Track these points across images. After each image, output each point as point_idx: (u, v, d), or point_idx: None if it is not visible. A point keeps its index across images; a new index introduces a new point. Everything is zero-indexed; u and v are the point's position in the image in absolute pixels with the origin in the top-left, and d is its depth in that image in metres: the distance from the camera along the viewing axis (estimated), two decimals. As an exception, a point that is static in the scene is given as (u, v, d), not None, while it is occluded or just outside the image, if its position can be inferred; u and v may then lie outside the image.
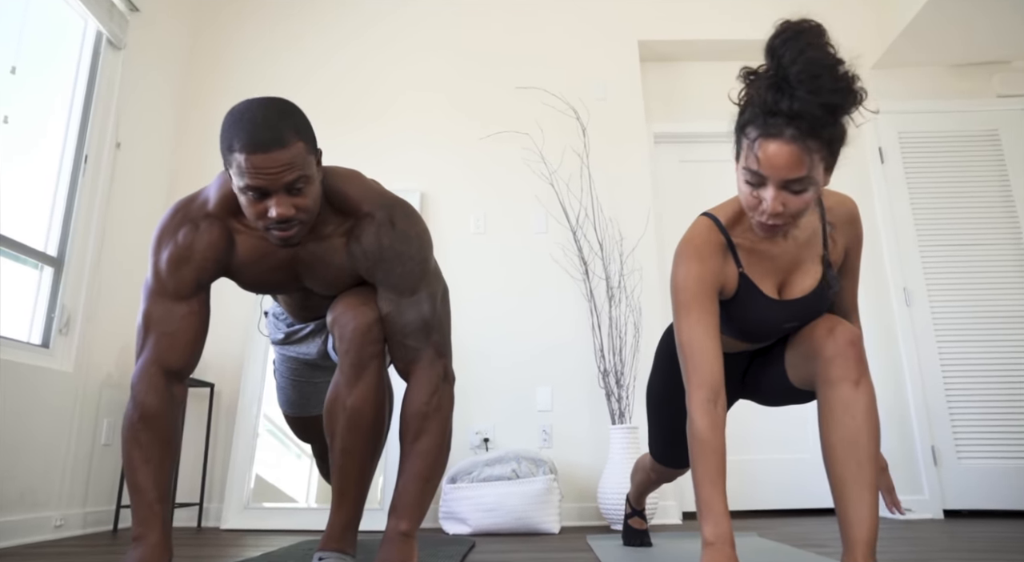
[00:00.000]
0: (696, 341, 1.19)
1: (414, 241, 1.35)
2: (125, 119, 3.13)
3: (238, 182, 1.19)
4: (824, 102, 1.05)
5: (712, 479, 1.12)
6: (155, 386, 1.27)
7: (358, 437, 1.34)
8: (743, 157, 1.14)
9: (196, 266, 1.31)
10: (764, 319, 1.29)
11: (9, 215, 2.55)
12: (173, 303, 1.31)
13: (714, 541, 1.08)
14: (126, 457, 1.25)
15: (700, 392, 1.17)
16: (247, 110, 1.16)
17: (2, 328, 2.47)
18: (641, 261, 3.32)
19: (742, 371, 1.53)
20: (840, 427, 1.18)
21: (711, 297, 1.23)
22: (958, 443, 3.16)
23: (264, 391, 3.19)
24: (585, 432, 3.14)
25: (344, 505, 1.35)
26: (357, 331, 1.34)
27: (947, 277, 3.38)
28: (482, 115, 3.60)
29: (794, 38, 1.09)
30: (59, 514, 2.62)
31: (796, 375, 1.35)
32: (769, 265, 1.28)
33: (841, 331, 1.22)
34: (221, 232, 1.33)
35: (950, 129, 3.57)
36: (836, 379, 1.20)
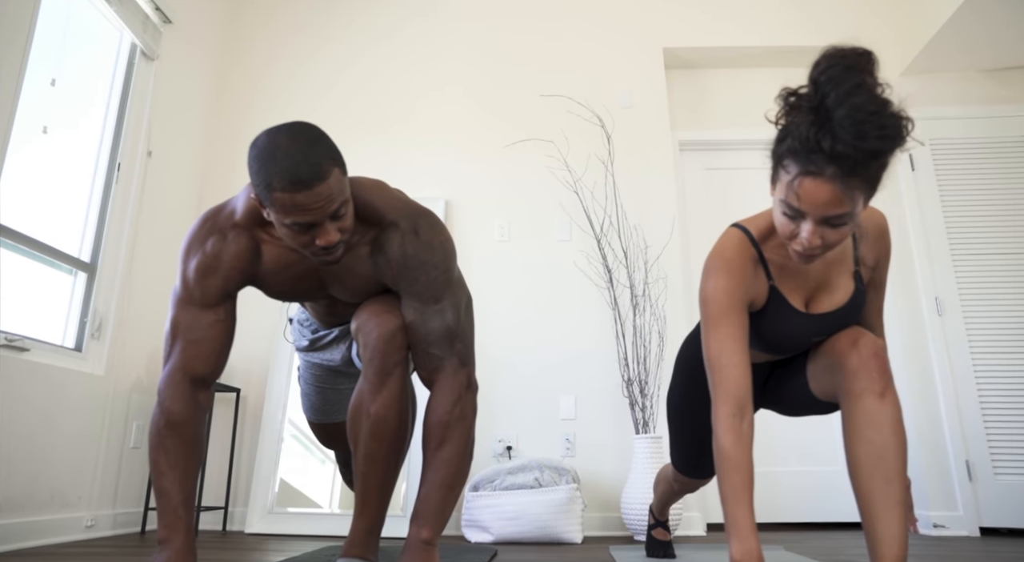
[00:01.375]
0: (724, 355, 1.18)
1: (438, 250, 1.36)
2: (157, 128, 3.20)
3: (281, 219, 1.19)
4: (870, 149, 1.01)
5: (738, 496, 1.10)
6: (181, 393, 1.30)
7: (381, 444, 1.35)
8: (782, 190, 1.10)
9: (223, 275, 1.34)
10: (792, 333, 1.28)
11: (45, 222, 2.61)
12: (200, 311, 1.33)
13: (741, 558, 1.06)
14: (152, 462, 1.28)
15: (726, 407, 1.15)
16: (277, 145, 1.15)
17: (37, 331, 2.53)
18: (666, 269, 3.30)
19: (763, 380, 1.51)
20: (865, 442, 1.16)
21: (741, 310, 1.21)
22: (994, 458, 3.07)
23: (289, 397, 3.22)
24: (609, 441, 3.11)
25: (367, 511, 1.35)
26: (381, 339, 1.35)
27: (981, 287, 3.30)
28: (507, 122, 3.61)
29: (841, 75, 1.03)
30: (90, 515, 2.67)
31: (818, 387, 1.33)
32: (800, 280, 1.26)
33: (865, 343, 1.20)
34: (248, 242, 1.35)
35: (983, 136, 3.50)
36: (860, 391, 1.17)
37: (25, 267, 2.52)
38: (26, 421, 2.36)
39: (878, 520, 1.12)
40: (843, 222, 1.07)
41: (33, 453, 2.39)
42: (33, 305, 2.56)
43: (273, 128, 1.19)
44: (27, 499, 2.36)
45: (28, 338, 2.43)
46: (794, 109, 1.09)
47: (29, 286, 2.54)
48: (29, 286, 2.54)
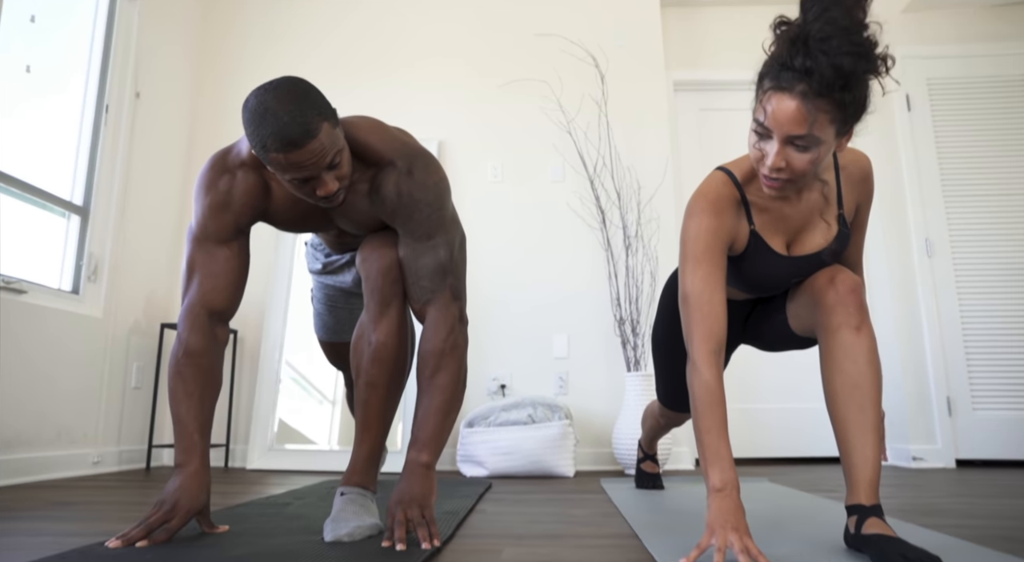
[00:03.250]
0: (704, 294, 1.21)
1: (432, 190, 1.40)
2: (144, 69, 3.14)
3: (280, 175, 1.25)
4: (835, 64, 1.02)
5: (717, 428, 1.15)
6: (199, 326, 1.36)
7: (383, 370, 1.41)
8: (754, 108, 1.13)
9: (235, 212, 1.39)
10: (772, 275, 1.31)
11: (35, 164, 2.59)
12: (215, 247, 1.39)
13: (722, 487, 1.11)
14: (171, 391, 1.34)
15: (707, 344, 1.19)
16: (265, 107, 1.18)
17: (33, 275, 2.55)
18: (659, 210, 3.31)
19: (744, 317, 1.55)
20: (842, 372, 1.20)
21: (721, 251, 1.23)
22: (974, 394, 3.16)
23: (285, 338, 3.26)
24: (601, 379, 3.19)
25: (367, 438, 1.42)
26: (380, 272, 1.42)
27: (972, 228, 3.32)
28: (500, 63, 3.55)
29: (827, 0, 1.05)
30: (96, 451, 2.74)
31: (797, 324, 1.37)
32: (781, 224, 1.29)
33: (842, 279, 1.23)
34: (257, 180, 1.40)
35: (982, 74, 3.46)
36: (837, 326, 1.21)
37: (17, 210, 2.52)
38: (29, 362, 2.40)
39: (853, 445, 1.17)
40: (807, 146, 1.09)
41: (38, 392, 2.45)
42: (28, 248, 2.56)
43: (260, 88, 1.22)
44: (35, 436, 2.43)
45: (25, 281, 2.45)
46: (782, 36, 1.10)
47: (23, 229, 2.55)
48: (23, 229, 2.55)
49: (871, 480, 1.14)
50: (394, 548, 1.16)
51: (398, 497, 1.26)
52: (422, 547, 1.17)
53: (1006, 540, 1.30)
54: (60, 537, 1.35)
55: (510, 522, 1.56)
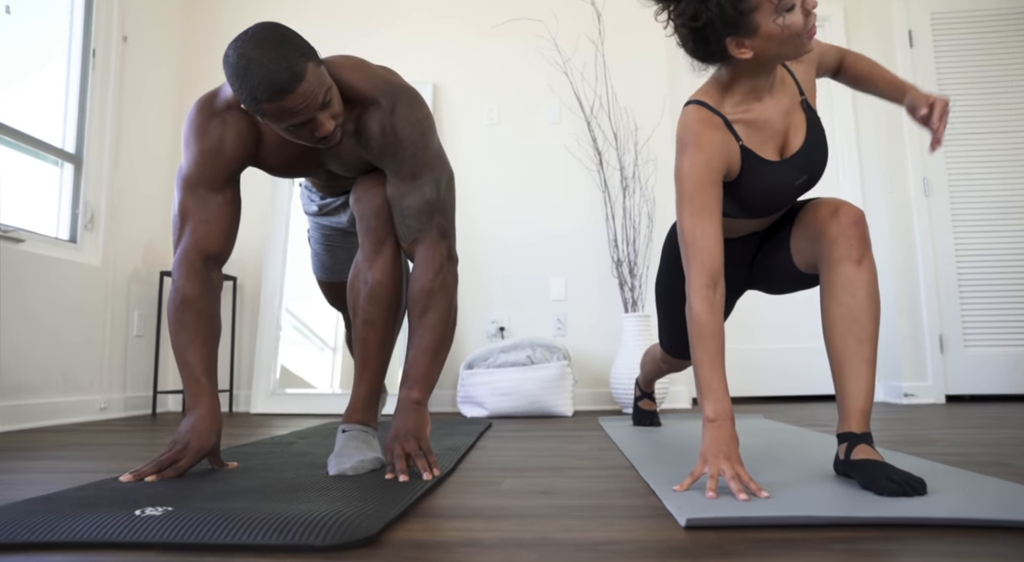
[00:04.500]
0: (698, 228, 1.21)
1: (415, 127, 1.39)
2: (130, 12, 3.06)
3: (276, 125, 1.24)
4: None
5: (712, 360, 1.17)
6: (195, 270, 1.36)
7: (379, 307, 1.43)
8: (768, 16, 1.14)
9: (227, 157, 1.38)
10: (775, 185, 1.31)
11: (25, 112, 2.56)
12: (208, 193, 1.38)
13: (715, 417, 1.14)
14: (173, 338, 1.36)
15: (701, 278, 1.20)
16: (248, 59, 1.16)
17: (31, 224, 2.54)
18: (656, 151, 3.28)
19: (750, 258, 1.55)
20: (840, 305, 1.22)
21: (716, 183, 1.23)
22: (966, 332, 3.20)
23: (284, 284, 3.28)
24: (598, 320, 3.22)
25: (366, 375, 1.44)
26: (372, 212, 1.43)
27: (970, 167, 3.31)
28: (494, 3, 3.46)
29: None
30: (102, 398, 2.79)
31: (801, 259, 1.37)
32: (766, 132, 1.29)
33: (845, 211, 1.24)
34: (247, 124, 1.39)
35: (989, 7, 3.38)
36: (839, 258, 1.22)
37: (10, 159, 2.50)
38: (31, 311, 2.42)
39: (847, 376, 1.20)
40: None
41: (42, 341, 2.47)
42: (23, 197, 2.55)
43: (237, 40, 1.19)
44: (41, 382, 2.47)
45: (22, 229, 2.45)
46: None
47: (17, 178, 2.53)
48: (17, 178, 2.53)
49: (863, 409, 1.17)
50: (397, 480, 1.20)
51: (393, 434, 1.30)
52: (423, 478, 1.21)
53: (993, 465, 1.34)
54: (75, 474, 1.39)
55: (510, 457, 1.60)
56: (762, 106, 1.28)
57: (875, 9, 3.44)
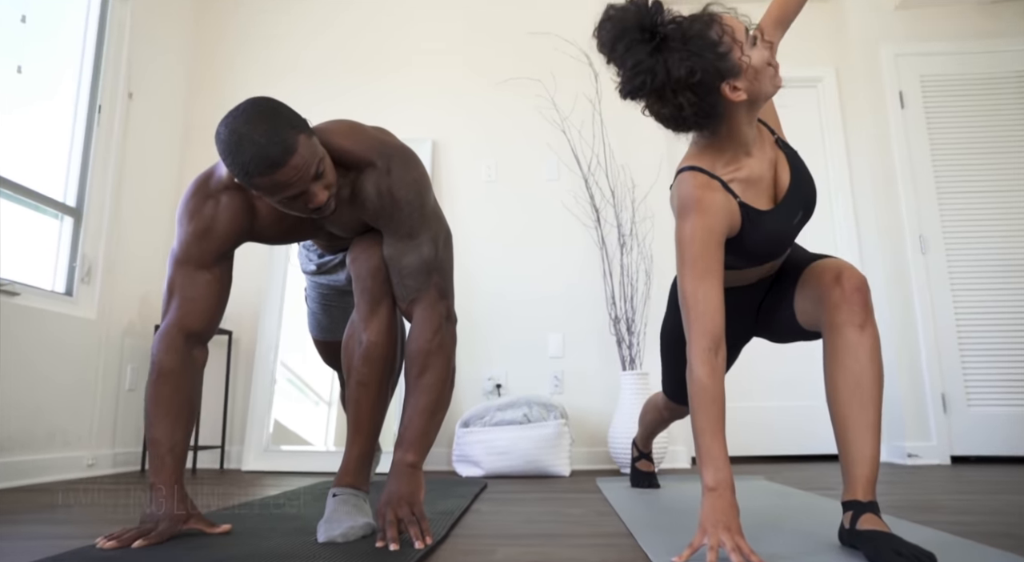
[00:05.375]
0: (700, 291, 1.21)
1: (411, 187, 1.39)
2: (137, 69, 3.13)
3: (270, 199, 1.25)
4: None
5: (713, 427, 1.15)
6: (174, 347, 1.35)
7: (373, 368, 1.41)
8: (743, 54, 1.21)
9: (219, 238, 1.38)
10: (774, 231, 1.32)
11: (28, 165, 2.58)
12: (196, 271, 1.38)
13: (715, 486, 1.11)
14: (145, 412, 1.34)
15: (702, 341, 1.19)
16: (240, 135, 1.17)
17: (26, 276, 2.53)
18: (653, 208, 3.30)
19: (757, 305, 1.54)
20: (844, 369, 1.20)
21: (719, 246, 1.24)
22: (969, 391, 3.16)
23: (280, 338, 3.26)
24: (596, 378, 3.18)
25: (359, 438, 1.41)
26: (370, 272, 1.42)
27: (965, 225, 3.32)
28: (494, 62, 3.54)
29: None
30: (90, 454, 2.73)
31: (804, 319, 1.37)
32: (758, 186, 1.31)
33: (848, 277, 1.24)
34: (241, 202, 1.39)
35: (975, 72, 3.46)
36: (841, 323, 1.22)
37: (10, 212, 2.51)
38: (22, 364, 2.39)
39: (852, 442, 1.17)
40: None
41: (31, 395, 2.43)
42: (21, 250, 2.55)
43: (228, 116, 1.21)
44: (29, 438, 2.42)
45: (18, 283, 2.44)
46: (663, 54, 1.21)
47: (16, 231, 2.53)
48: (16, 231, 2.53)
49: (868, 477, 1.15)
50: (387, 548, 1.16)
51: (386, 498, 1.27)
52: (415, 546, 1.17)
53: (1002, 537, 1.30)
54: (55, 540, 1.34)
55: (505, 522, 1.56)
56: (752, 160, 1.31)
57: (866, 71, 3.52)
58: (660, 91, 1.22)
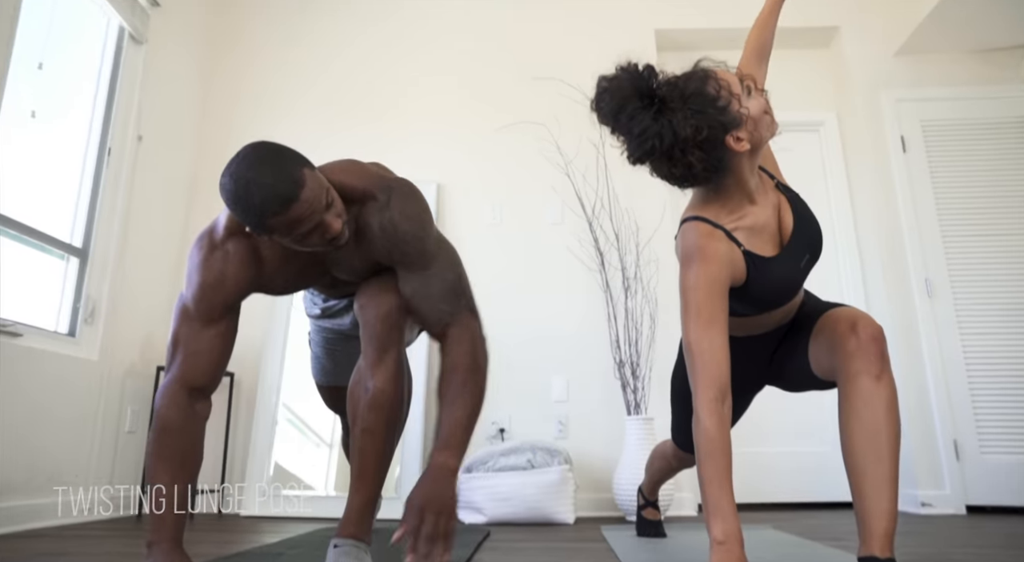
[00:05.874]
0: (705, 340, 1.20)
1: (415, 220, 1.39)
2: (147, 112, 3.18)
3: (285, 238, 1.25)
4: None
5: (720, 478, 1.13)
6: (177, 402, 1.33)
7: (379, 416, 1.39)
8: (740, 105, 1.24)
9: (226, 291, 1.37)
10: (782, 277, 1.32)
11: (36, 207, 2.60)
12: (202, 326, 1.37)
13: (724, 540, 1.09)
14: (146, 466, 1.33)
15: (709, 391, 1.17)
16: (246, 180, 1.18)
17: (30, 317, 2.53)
18: (657, 252, 3.31)
19: (771, 353, 1.53)
20: (860, 420, 1.18)
21: (723, 295, 1.24)
22: (981, 437, 3.11)
23: (283, 380, 3.23)
24: (600, 423, 3.14)
25: (362, 487, 1.38)
26: (378, 319, 1.41)
27: (971, 268, 3.31)
28: (498, 106, 3.60)
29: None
30: (88, 497, 2.68)
31: (819, 367, 1.36)
32: (762, 234, 1.31)
33: (863, 327, 1.23)
34: (247, 249, 1.39)
35: (975, 117, 3.50)
36: (856, 373, 1.20)
37: (17, 253, 2.52)
38: (21, 406, 2.37)
39: (868, 496, 1.15)
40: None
41: (30, 438, 2.41)
42: (25, 291, 2.56)
43: (230, 164, 1.21)
44: (25, 483, 2.38)
45: (21, 324, 2.43)
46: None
47: (21, 272, 2.54)
48: (21, 272, 2.54)
49: (886, 531, 1.12)
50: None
51: (424, 499, 1.18)
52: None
53: (1020, 594, 1.26)
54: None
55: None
56: (756, 208, 1.32)
57: (867, 116, 3.55)
58: (670, 152, 1.23)
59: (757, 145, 1.26)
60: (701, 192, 1.35)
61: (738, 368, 1.29)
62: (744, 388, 1.53)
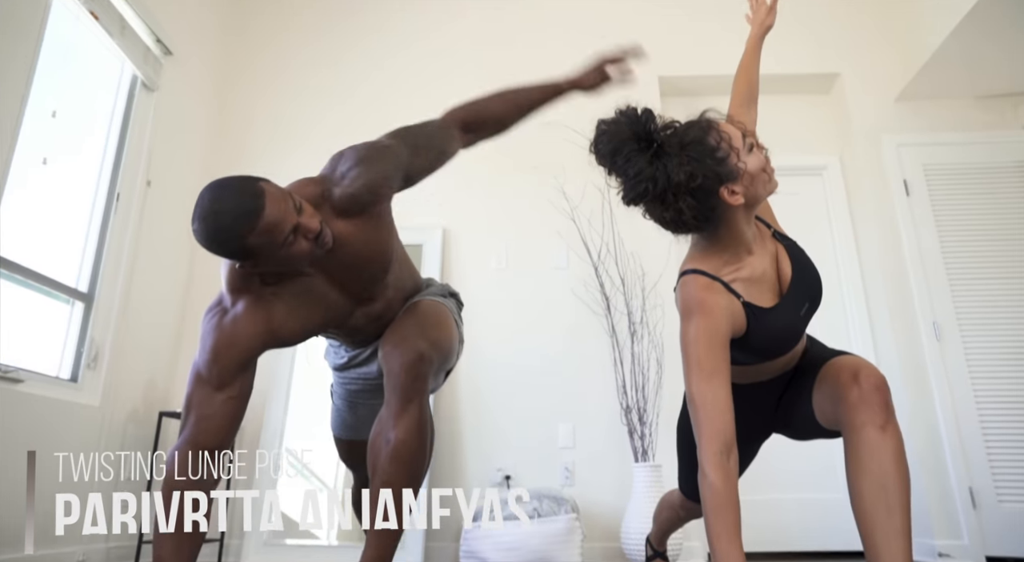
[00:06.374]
0: (709, 393, 1.19)
1: (360, 180, 1.49)
2: (156, 158, 3.22)
3: (271, 255, 1.26)
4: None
5: (729, 532, 1.10)
6: (187, 465, 1.34)
7: (400, 470, 1.36)
8: (739, 159, 1.25)
9: (240, 347, 1.37)
10: (782, 327, 1.31)
11: (44, 252, 2.61)
12: (214, 390, 1.36)
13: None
14: (153, 527, 1.32)
15: (713, 445, 1.16)
16: (213, 210, 1.21)
17: (32, 362, 2.52)
18: (663, 296, 3.29)
19: (776, 400, 1.50)
20: (867, 473, 1.16)
21: (723, 346, 1.23)
22: (998, 485, 3.03)
23: (286, 426, 3.20)
24: (608, 470, 3.09)
25: (380, 542, 1.35)
26: (403, 367, 1.39)
27: (979, 311, 3.28)
28: (504, 151, 3.61)
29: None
30: (81, 549, 2.63)
31: (823, 417, 1.34)
32: (760, 284, 1.31)
33: (866, 376, 1.21)
34: (255, 303, 1.39)
35: (976, 161, 3.51)
36: (861, 424, 1.19)
37: (22, 297, 2.52)
38: (18, 455, 2.33)
39: (880, 551, 1.12)
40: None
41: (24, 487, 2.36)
42: (29, 335, 2.55)
43: (194, 212, 1.25)
44: (18, 536, 2.33)
45: (23, 369, 2.42)
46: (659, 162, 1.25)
47: (26, 316, 2.54)
48: (26, 316, 2.54)
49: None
50: None
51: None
52: None
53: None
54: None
55: (514, 631, 1.46)
56: (754, 258, 1.32)
57: (869, 160, 3.58)
58: (662, 196, 1.24)
59: (752, 201, 1.27)
60: (699, 243, 1.35)
61: (743, 417, 1.27)
62: (750, 437, 1.51)
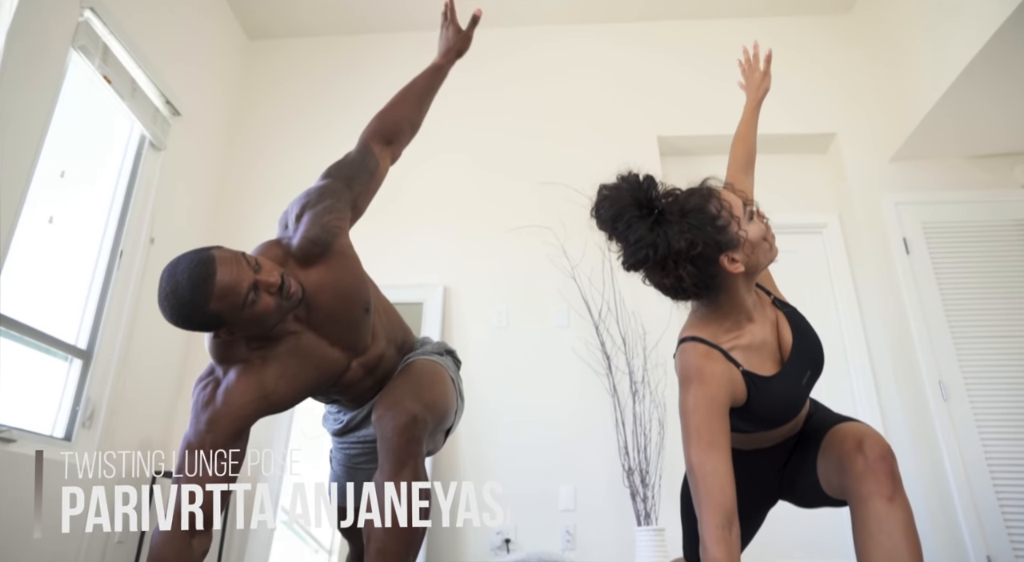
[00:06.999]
0: (708, 464, 1.17)
1: (315, 224, 1.58)
2: (160, 215, 3.25)
3: (238, 316, 1.29)
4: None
5: None
6: (173, 541, 1.33)
7: (394, 537, 1.32)
8: (740, 228, 1.25)
9: (233, 416, 1.37)
10: (783, 395, 1.29)
11: (45, 309, 2.62)
12: (203, 472, 1.36)
13: None
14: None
15: (715, 518, 1.13)
16: (170, 290, 1.26)
17: (27, 421, 2.49)
18: (665, 355, 3.27)
19: (781, 465, 1.47)
20: (876, 546, 1.13)
21: (723, 416, 1.21)
22: (1016, 551, 2.93)
23: (282, 482, 3.13)
24: (610, 533, 3.00)
25: None
26: (396, 430, 1.37)
27: (985, 370, 3.24)
28: (505, 209, 3.67)
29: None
30: (67, 616, 2.54)
31: (829, 486, 1.31)
32: (761, 352, 1.30)
33: (871, 445, 1.19)
34: (243, 370, 1.40)
35: (976, 219, 3.52)
36: (868, 495, 1.16)
37: (18, 354, 2.51)
38: (8, 516, 2.29)
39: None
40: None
41: (13, 550, 2.31)
42: (25, 394, 2.53)
43: (158, 295, 1.30)
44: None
45: (16, 429, 2.39)
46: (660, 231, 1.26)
47: (21, 374, 2.52)
48: (21, 374, 2.52)
49: None
50: None
51: None
52: None
53: None
54: None
55: None
56: (754, 326, 1.31)
57: (868, 218, 3.59)
58: (663, 263, 1.24)
59: (752, 269, 1.27)
60: (699, 310, 1.35)
61: (746, 485, 1.24)
62: (755, 505, 1.47)
